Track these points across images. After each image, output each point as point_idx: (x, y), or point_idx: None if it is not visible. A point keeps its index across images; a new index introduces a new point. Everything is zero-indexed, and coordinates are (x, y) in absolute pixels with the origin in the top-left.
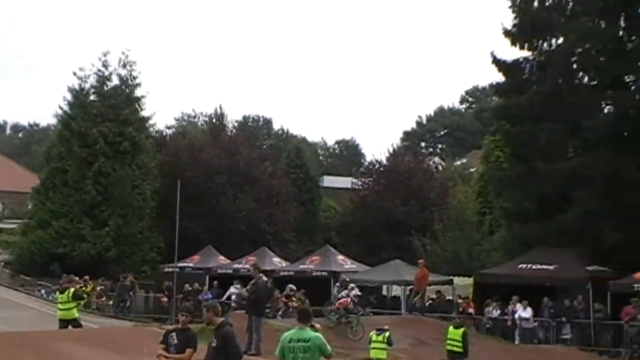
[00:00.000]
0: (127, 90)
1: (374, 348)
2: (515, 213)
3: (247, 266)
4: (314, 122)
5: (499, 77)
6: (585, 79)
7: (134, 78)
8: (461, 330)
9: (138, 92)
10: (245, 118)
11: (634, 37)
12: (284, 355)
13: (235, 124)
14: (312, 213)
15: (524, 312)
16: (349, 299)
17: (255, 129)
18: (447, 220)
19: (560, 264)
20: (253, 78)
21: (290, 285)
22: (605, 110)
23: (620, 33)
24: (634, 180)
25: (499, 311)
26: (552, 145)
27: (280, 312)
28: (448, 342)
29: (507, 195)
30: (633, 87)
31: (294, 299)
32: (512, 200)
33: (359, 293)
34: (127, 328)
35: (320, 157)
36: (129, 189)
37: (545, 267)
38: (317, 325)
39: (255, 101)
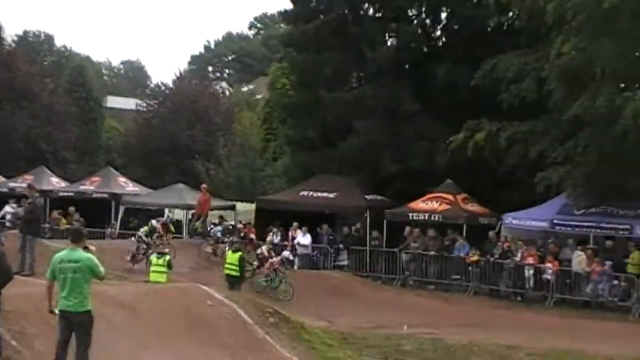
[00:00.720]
0: None
1: (154, 272)
2: (299, 140)
3: (24, 185)
4: (98, 41)
5: (287, 5)
6: (370, 10)
7: None
8: (238, 254)
9: None
10: (25, 33)
11: None
12: (55, 276)
13: (15, 39)
14: (94, 133)
15: (303, 238)
16: (275, 259)
17: (36, 45)
18: (231, 146)
19: (340, 192)
20: None
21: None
22: (389, 43)
23: None
24: (412, 112)
25: (279, 237)
26: (336, 75)
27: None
28: (226, 266)
29: (291, 122)
30: (415, 21)
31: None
32: (296, 128)
33: (289, 256)
34: None
35: (105, 77)
36: None
37: (325, 194)
38: (92, 247)
39: (37, 16)
